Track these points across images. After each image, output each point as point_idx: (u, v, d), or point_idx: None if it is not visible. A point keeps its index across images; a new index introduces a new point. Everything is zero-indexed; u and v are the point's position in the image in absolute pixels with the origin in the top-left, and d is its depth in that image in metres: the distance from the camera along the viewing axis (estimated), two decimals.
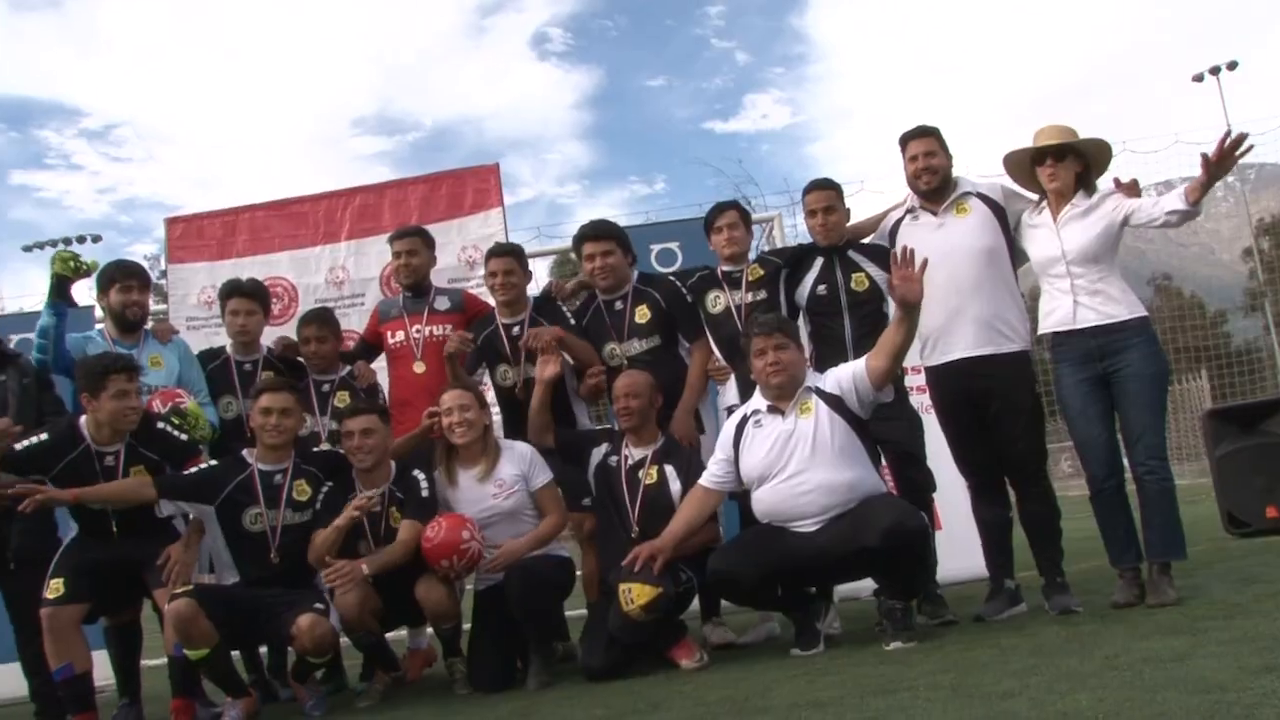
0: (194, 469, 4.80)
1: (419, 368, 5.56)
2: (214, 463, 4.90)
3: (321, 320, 5.66)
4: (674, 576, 4.54)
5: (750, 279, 5.29)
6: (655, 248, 6.92)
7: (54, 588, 4.56)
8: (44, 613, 4.53)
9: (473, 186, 7.25)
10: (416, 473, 4.91)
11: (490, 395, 5.52)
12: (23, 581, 4.82)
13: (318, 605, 4.54)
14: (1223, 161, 4.35)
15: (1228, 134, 4.39)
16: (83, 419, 4.71)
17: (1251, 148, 4.56)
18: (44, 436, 4.66)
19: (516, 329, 5.44)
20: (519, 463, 4.97)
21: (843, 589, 5.31)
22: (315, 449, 5.08)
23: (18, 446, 4.61)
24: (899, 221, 5.13)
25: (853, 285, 5.09)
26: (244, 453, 4.89)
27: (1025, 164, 4.86)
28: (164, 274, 7.80)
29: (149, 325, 5.57)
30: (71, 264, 5.07)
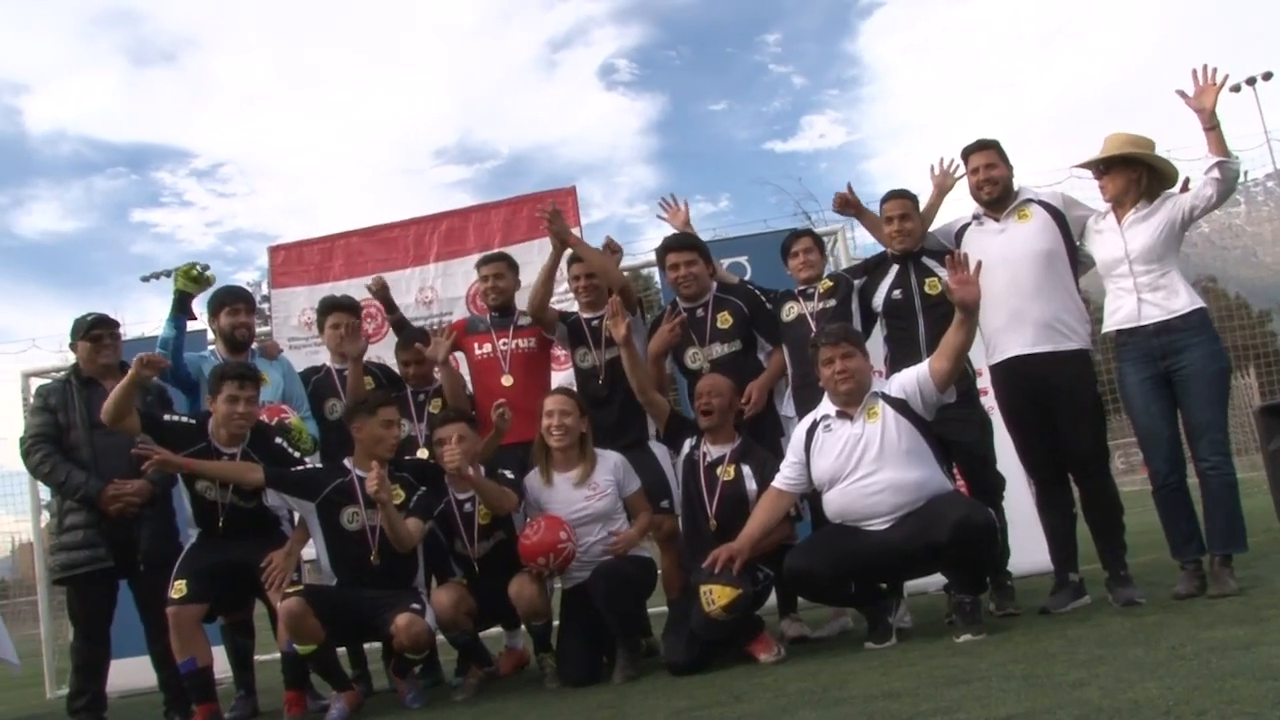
0: (301, 468, 4.94)
1: (507, 380, 5.59)
2: (318, 464, 5.05)
3: (410, 346, 5.75)
4: (752, 576, 4.53)
5: (821, 291, 5.34)
6: (725, 262, 6.91)
7: (178, 588, 4.69)
8: (169, 611, 4.66)
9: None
10: (502, 471, 4.97)
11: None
12: (151, 583, 4.97)
13: (414, 605, 4.61)
14: (1201, 97, 4.49)
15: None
16: (210, 420, 4.88)
17: (1226, 78, 4.63)
18: (185, 419, 4.90)
19: (595, 322, 5.54)
20: (612, 470, 5.01)
21: (912, 584, 5.24)
22: (407, 458, 5.15)
23: (166, 417, 4.88)
24: (965, 227, 5.10)
25: (926, 289, 5.05)
26: (345, 460, 4.98)
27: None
28: (266, 298, 7.96)
29: (255, 345, 5.72)
30: (194, 272, 5.25)
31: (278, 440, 5.00)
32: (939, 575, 4.69)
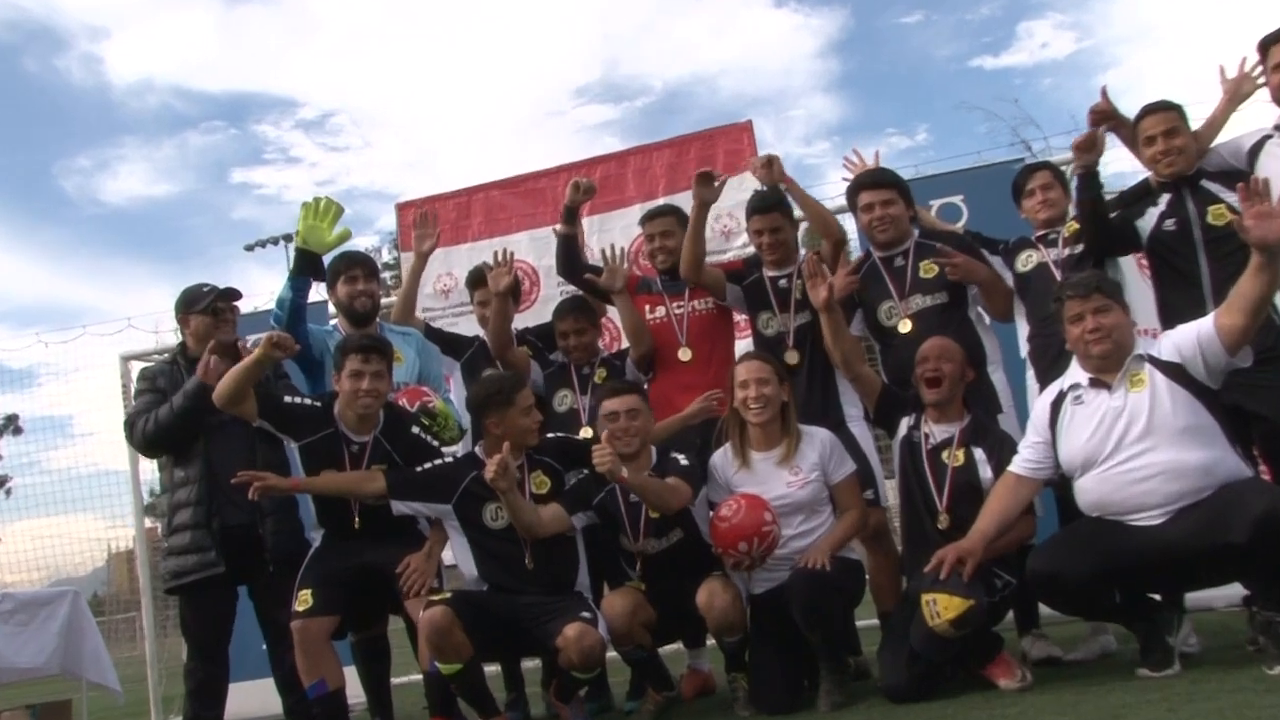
0: (427, 467, 4.98)
1: (685, 354, 5.65)
2: (447, 459, 5.09)
3: (579, 310, 5.83)
4: (987, 583, 4.35)
5: (1067, 234, 5.15)
6: (935, 203, 6.73)
7: (303, 599, 4.79)
8: (295, 626, 4.76)
9: (724, 148, 7.36)
10: (675, 453, 4.96)
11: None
12: (275, 590, 5.10)
13: (584, 614, 4.59)
14: None
15: None
16: (336, 401, 4.98)
17: None
18: (309, 402, 5.03)
19: (784, 281, 5.52)
20: (820, 449, 4.92)
21: (1194, 597, 4.93)
22: (550, 435, 5.18)
23: (287, 399, 5.00)
24: (1262, 141, 4.80)
25: (1209, 219, 4.76)
26: (476, 449, 5.06)
27: None
28: (390, 265, 8.17)
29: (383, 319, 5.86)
30: (317, 210, 5.33)
31: (415, 430, 5.08)
32: (1235, 586, 4.42)
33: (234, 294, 5.46)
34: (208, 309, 5.33)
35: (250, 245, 35.51)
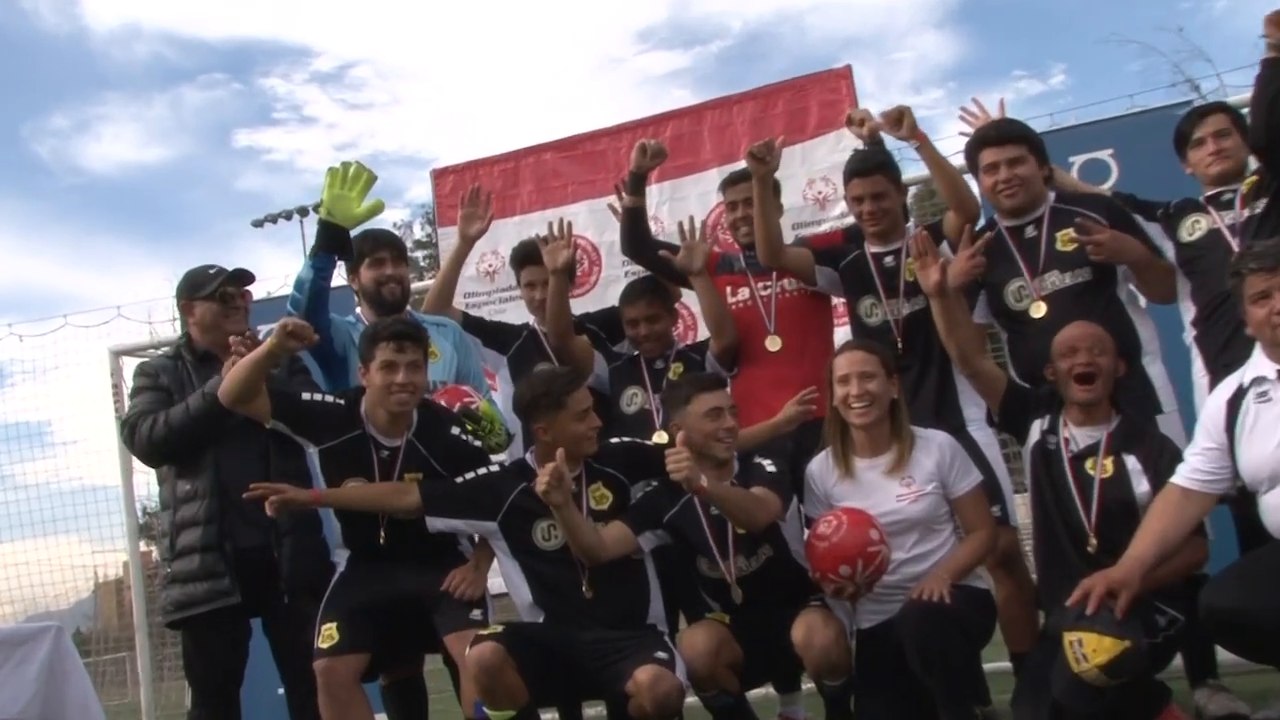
0: (468, 478, 5.00)
1: (773, 344, 5.67)
2: (491, 468, 5.10)
3: (652, 293, 5.86)
4: (1146, 621, 4.27)
5: (1244, 190, 5.05)
6: (1076, 160, 6.63)
7: (326, 634, 4.82)
8: (318, 666, 4.78)
9: (818, 99, 7.36)
10: (760, 459, 4.98)
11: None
12: (294, 623, 5.13)
13: (659, 654, 4.58)
14: None
15: None
16: (363, 399, 5.00)
17: None
18: (331, 400, 5.04)
19: (890, 259, 5.51)
20: (938, 455, 4.89)
21: None
22: (614, 441, 5.19)
23: (305, 396, 5.01)
24: None
25: None
26: (526, 456, 5.09)
27: None
28: (422, 243, 8.22)
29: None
30: (347, 175, 5.24)
31: (455, 431, 5.10)
32: None
33: (246, 276, 5.49)
34: (215, 294, 5.36)
35: (259, 220, 35.93)
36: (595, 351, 5.90)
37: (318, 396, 5.05)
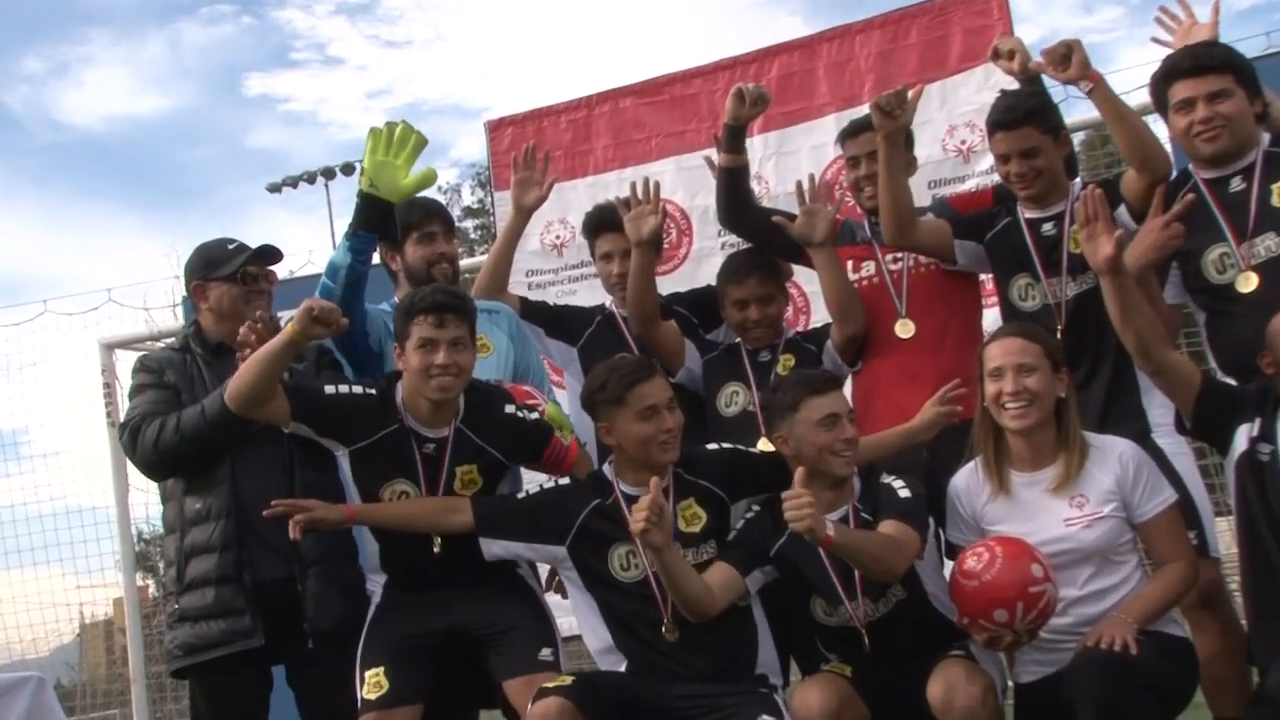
0: (530, 493, 5.07)
1: (904, 329, 5.63)
2: (561, 481, 5.13)
3: (764, 269, 5.81)
4: None
5: None
6: None
7: (373, 683, 4.88)
8: None
9: (961, 25, 7.33)
10: (890, 478, 4.93)
11: None
12: (324, 672, 5.17)
13: (765, 716, 4.58)
14: None
15: None
16: (399, 386, 5.04)
17: None
18: (360, 390, 5.05)
19: (1049, 226, 5.42)
20: (1116, 467, 4.79)
21: None
22: (712, 447, 5.20)
23: (328, 389, 5.02)
24: None
25: None
26: (604, 468, 5.10)
27: None
28: (473, 209, 8.26)
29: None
30: (393, 137, 5.28)
31: (509, 409, 5.11)
32: None
33: (273, 254, 5.55)
34: (236, 275, 5.40)
35: (275, 185, 36.31)
36: (686, 340, 5.88)
37: (343, 388, 5.05)
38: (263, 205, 74.17)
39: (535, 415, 5.14)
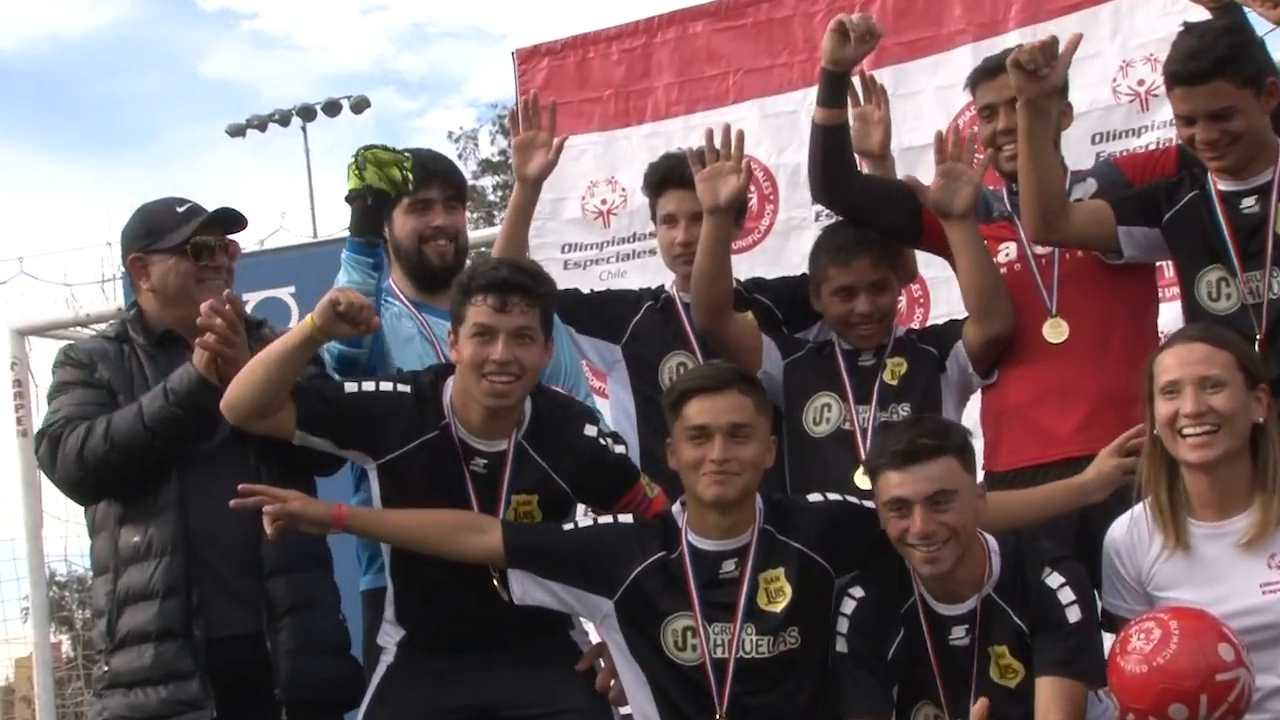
0: (580, 525, 5.14)
1: (1055, 331, 5.60)
2: (624, 518, 5.17)
3: (878, 247, 5.80)
4: None
5: None
6: None
7: None
8: None
9: None
10: (1050, 573, 4.85)
11: None
12: None
13: None
14: None
15: None
16: (449, 381, 5.07)
17: None
18: (392, 388, 5.07)
19: (1250, 202, 5.36)
20: None
21: None
22: (811, 497, 5.22)
23: (349, 387, 5.07)
24: None
25: None
26: (675, 508, 5.11)
27: None
28: (491, 163, 8.32)
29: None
30: (399, 169, 5.38)
31: (590, 431, 5.15)
32: None
33: (234, 219, 5.58)
34: (186, 246, 5.40)
35: (239, 126, 36.33)
36: (765, 338, 5.87)
37: (368, 385, 5.07)
38: (222, 151, 74.21)
39: (622, 449, 5.20)
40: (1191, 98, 5.21)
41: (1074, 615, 4.72)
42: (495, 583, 4.95)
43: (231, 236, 5.58)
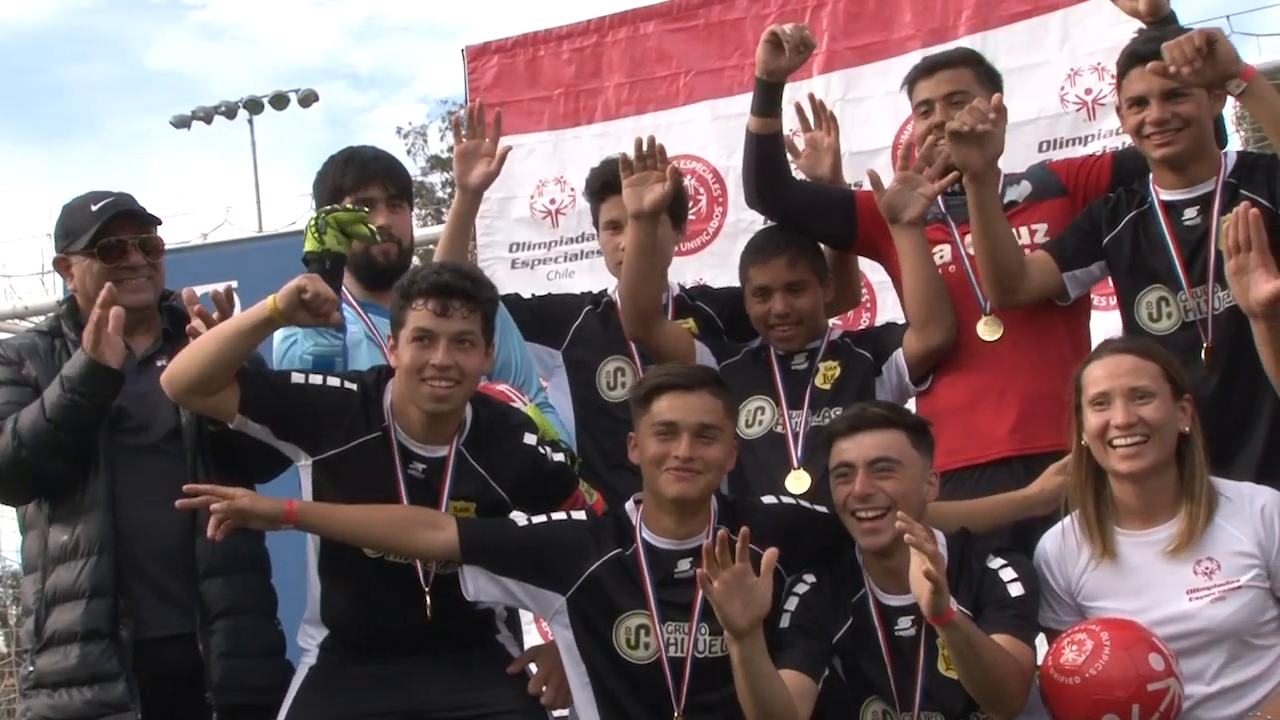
0: (535, 522, 5.12)
1: (989, 330, 5.63)
2: (577, 514, 5.20)
3: (795, 247, 5.81)
4: None
5: None
6: None
7: None
8: None
9: None
10: (995, 560, 4.91)
11: None
12: None
13: None
14: None
15: None
16: (390, 384, 5.08)
17: None
18: (339, 384, 5.09)
19: (1193, 214, 5.37)
20: (1256, 523, 4.79)
21: None
22: (766, 500, 5.24)
23: (295, 377, 5.07)
24: None
25: None
26: (628, 506, 5.15)
27: None
28: (440, 160, 8.31)
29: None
30: (362, 227, 5.37)
31: (530, 439, 5.17)
32: None
33: (140, 217, 5.50)
34: (94, 244, 5.34)
35: (184, 118, 36.21)
36: (697, 343, 5.90)
37: (315, 378, 5.08)
38: (167, 143, 74.01)
39: (560, 457, 5.20)
40: (1149, 76, 5.20)
41: (1016, 590, 4.80)
42: (426, 589, 4.95)
43: (154, 233, 5.50)
